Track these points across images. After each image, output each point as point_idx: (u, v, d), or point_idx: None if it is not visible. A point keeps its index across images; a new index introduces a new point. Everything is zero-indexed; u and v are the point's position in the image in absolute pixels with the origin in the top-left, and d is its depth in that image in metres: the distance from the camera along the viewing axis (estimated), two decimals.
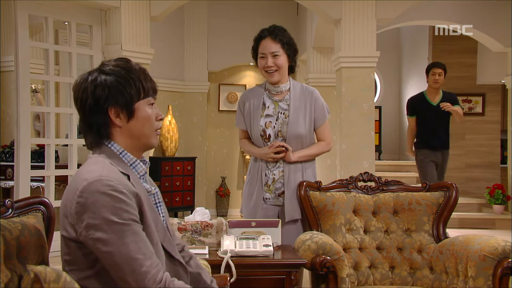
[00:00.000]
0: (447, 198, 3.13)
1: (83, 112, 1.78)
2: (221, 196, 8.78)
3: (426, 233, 3.09)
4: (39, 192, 5.78)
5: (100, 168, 1.69)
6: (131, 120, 1.80)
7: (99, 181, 1.63)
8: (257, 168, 3.20)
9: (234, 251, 2.55)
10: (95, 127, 1.78)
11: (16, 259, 1.77)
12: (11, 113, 6.57)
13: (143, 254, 1.63)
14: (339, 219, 3.07)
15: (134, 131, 1.81)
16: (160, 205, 1.92)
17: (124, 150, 1.81)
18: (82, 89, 1.78)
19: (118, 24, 5.58)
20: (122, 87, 1.77)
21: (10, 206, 2.01)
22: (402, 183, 3.32)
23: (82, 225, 1.62)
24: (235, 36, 8.58)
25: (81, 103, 1.78)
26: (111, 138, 1.81)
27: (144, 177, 1.88)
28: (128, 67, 1.81)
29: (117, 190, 1.63)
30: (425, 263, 3.02)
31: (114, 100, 1.76)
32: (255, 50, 3.22)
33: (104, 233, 1.60)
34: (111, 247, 1.60)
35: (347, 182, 3.26)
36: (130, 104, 1.78)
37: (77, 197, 1.63)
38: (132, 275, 1.62)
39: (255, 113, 3.20)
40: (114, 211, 1.61)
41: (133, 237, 1.63)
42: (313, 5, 5.86)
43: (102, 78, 1.77)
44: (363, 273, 2.99)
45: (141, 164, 1.84)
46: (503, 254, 2.63)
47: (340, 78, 5.70)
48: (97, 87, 1.76)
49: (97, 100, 1.76)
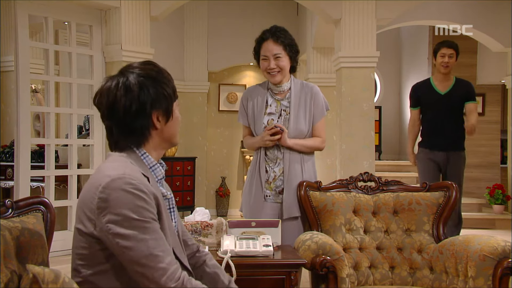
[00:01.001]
0: (447, 198, 3.13)
1: (124, 116, 1.76)
2: (221, 196, 8.78)
3: (426, 233, 3.09)
4: (39, 192, 5.78)
5: (123, 166, 1.71)
6: (168, 122, 1.83)
7: (122, 179, 1.65)
8: (258, 165, 3.21)
9: (234, 251, 2.55)
10: (139, 131, 1.79)
11: (16, 259, 1.77)
12: (11, 113, 6.57)
13: (162, 251, 1.65)
14: (339, 219, 3.07)
15: (168, 132, 1.85)
16: (173, 211, 1.94)
17: (145, 152, 1.82)
18: (122, 94, 1.76)
19: (118, 24, 5.58)
20: (164, 91, 1.80)
21: (10, 206, 2.01)
22: (402, 183, 3.32)
23: (103, 220, 1.63)
24: (235, 36, 8.58)
25: (124, 108, 1.75)
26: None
27: (161, 181, 1.90)
28: (159, 69, 1.84)
29: (138, 189, 1.65)
30: (425, 263, 3.02)
31: (159, 104, 1.79)
32: (257, 51, 3.23)
33: (124, 229, 1.62)
34: (131, 242, 1.62)
35: (347, 182, 3.26)
36: (169, 106, 1.82)
37: (99, 192, 1.65)
38: (151, 271, 1.63)
39: (258, 111, 3.23)
40: (135, 209, 1.63)
41: (153, 235, 1.65)
42: (313, 5, 5.86)
43: (142, 81, 1.78)
44: (363, 273, 2.99)
45: (160, 168, 1.86)
46: (503, 254, 2.63)
47: (340, 78, 5.70)
48: (142, 91, 1.77)
49: (143, 104, 1.76)
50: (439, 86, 5.03)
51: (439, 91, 5.00)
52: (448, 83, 5.02)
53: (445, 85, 5.01)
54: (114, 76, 1.81)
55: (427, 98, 5.06)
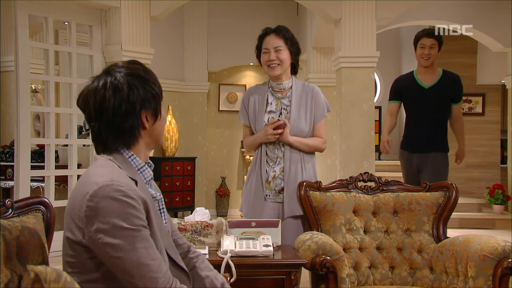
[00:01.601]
0: (447, 198, 3.13)
1: (113, 117, 1.72)
2: (221, 196, 8.78)
3: (426, 233, 3.09)
4: (39, 192, 5.78)
5: (110, 172, 1.68)
6: (156, 122, 1.82)
7: (110, 186, 1.61)
8: (259, 165, 3.21)
9: (234, 251, 2.55)
10: (129, 131, 1.76)
11: (16, 259, 1.77)
12: (11, 113, 6.57)
13: (152, 260, 1.63)
14: (339, 219, 3.07)
15: (155, 132, 1.83)
16: (163, 211, 1.92)
17: (133, 154, 1.79)
18: (111, 94, 1.72)
19: (118, 24, 5.58)
20: (153, 90, 1.79)
21: (10, 206, 2.01)
22: (402, 183, 3.32)
23: (92, 229, 1.60)
24: (235, 36, 8.59)
25: (113, 108, 1.71)
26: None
27: (150, 182, 1.88)
28: (146, 69, 1.82)
29: (127, 196, 1.62)
30: (425, 263, 3.02)
31: (148, 104, 1.77)
32: (259, 48, 3.25)
33: (114, 239, 1.59)
34: (121, 252, 1.59)
35: (347, 182, 3.26)
36: (159, 107, 1.82)
37: (87, 200, 1.61)
38: (142, 280, 1.61)
39: (259, 109, 3.24)
40: (124, 217, 1.60)
41: (143, 243, 1.62)
42: (313, 5, 5.86)
43: (130, 81, 1.75)
44: (363, 273, 2.99)
45: (148, 170, 1.84)
46: (503, 254, 2.63)
47: (340, 78, 5.70)
48: (131, 90, 1.74)
49: (132, 104, 1.74)
50: (423, 80, 4.50)
51: (422, 85, 4.49)
52: (432, 76, 4.48)
53: (429, 78, 4.49)
54: (100, 76, 1.77)
55: (410, 93, 4.55)
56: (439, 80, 4.48)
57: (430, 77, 4.49)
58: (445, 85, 4.47)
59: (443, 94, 4.47)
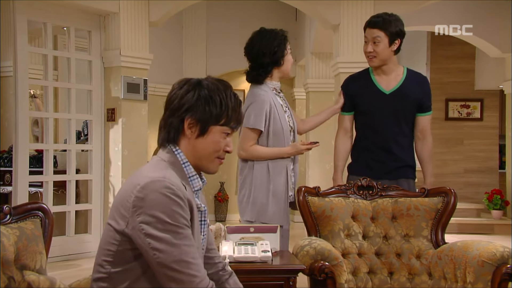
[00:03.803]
0: (445, 203, 3.12)
1: (167, 109, 1.84)
2: (220, 202, 8.77)
3: (424, 238, 3.09)
4: (38, 198, 5.77)
5: (164, 170, 1.74)
6: (199, 137, 1.82)
7: (162, 182, 1.67)
8: (283, 171, 3.26)
9: (232, 256, 2.55)
10: (168, 127, 1.82)
11: (14, 265, 1.77)
12: (10, 118, 6.56)
13: (193, 258, 1.66)
14: (337, 224, 3.07)
15: (198, 149, 1.84)
16: (204, 224, 1.92)
17: (187, 161, 1.84)
18: (177, 89, 1.83)
19: (117, 29, 5.59)
20: (207, 105, 1.80)
21: (8, 212, 2.01)
22: (401, 189, 3.31)
23: (137, 219, 1.65)
24: (234, 41, 8.59)
25: (169, 100, 1.83)
26: (178, 145, 1.83)
27: (198, 193, 1.90)
28: (224, 90, 1.84)
29: (175, 194, 1.67)
30: (424, 269, 3.01)
31: (194, 112, 1.79)
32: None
33: (158, 231, 1.63)
34: (164, 245, 1.63)
35: (346, 188, 3.25)
36: (206, 123, 1.81)
37: (137, 191, 1.67)
38: (181, 276, 1.64)
39: (279, 110, 3.27)
40: (170, 213, 1.65)
41: (186, 241, 1.66)
42: (312, 10, 5.88)
43: (198, 87, 1.81)
44: (361, 278, 2.99)
45: (198, 180, 1.88)
46: (501, 260, 2.62)
47: (338, 84, 5.69)
48: (189, 93, 1.80)
49: (182, 104, 1.80)
50: (382, 82, 3.31)
51: (382, 89, 3.30)
52: (393, 77, 3.33)
53: (389, 80, 3.32)
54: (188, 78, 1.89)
55: (365, 100, 3.34)
56: (402, 82, 3.32)
57: (391, 79, 3.32)
58: (410, 89, 3.31)
59: (408, 102, 3.31)
